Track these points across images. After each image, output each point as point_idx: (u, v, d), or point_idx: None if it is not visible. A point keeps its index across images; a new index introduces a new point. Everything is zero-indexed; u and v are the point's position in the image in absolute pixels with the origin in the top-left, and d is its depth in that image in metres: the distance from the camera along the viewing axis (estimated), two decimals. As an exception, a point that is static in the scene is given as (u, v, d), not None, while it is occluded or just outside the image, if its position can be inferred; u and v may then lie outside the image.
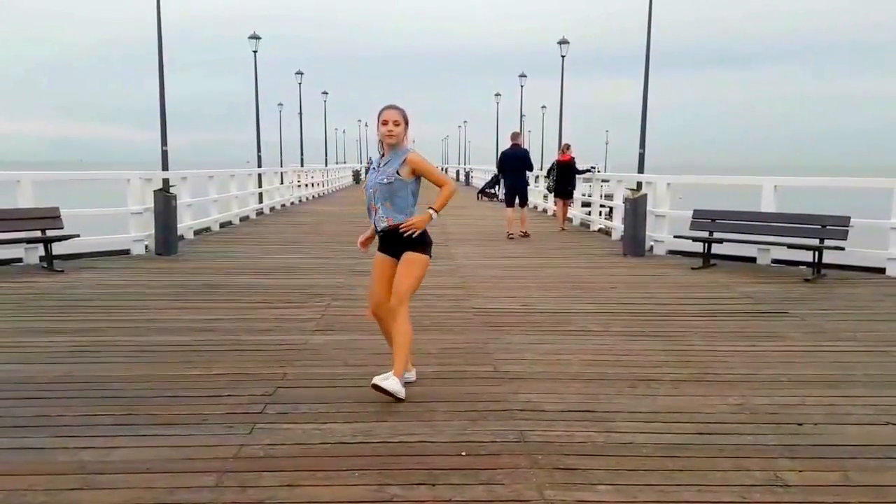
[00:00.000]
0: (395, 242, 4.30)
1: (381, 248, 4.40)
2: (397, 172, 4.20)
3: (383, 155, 4.31)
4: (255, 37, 32.49)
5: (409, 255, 4.26)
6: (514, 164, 13.76)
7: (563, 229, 15.29)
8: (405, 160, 4.21)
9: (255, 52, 32.70)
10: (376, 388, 4.12)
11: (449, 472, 3.32)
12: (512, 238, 13.43)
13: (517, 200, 13.71)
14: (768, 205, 10.41)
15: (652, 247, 11.73)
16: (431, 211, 4.28)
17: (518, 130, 15.91)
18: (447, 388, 4.48)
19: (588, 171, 17.13)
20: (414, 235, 4.22)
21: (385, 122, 4.20)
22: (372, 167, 4.45)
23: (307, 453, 3.53)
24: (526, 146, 14.64)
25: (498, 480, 3.24)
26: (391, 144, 4.25)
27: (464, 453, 3.53)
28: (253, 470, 3.33)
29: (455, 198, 4.77)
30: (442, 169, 73.43)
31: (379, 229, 4.32)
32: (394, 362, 4.25)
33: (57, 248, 9.65)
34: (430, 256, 4.38)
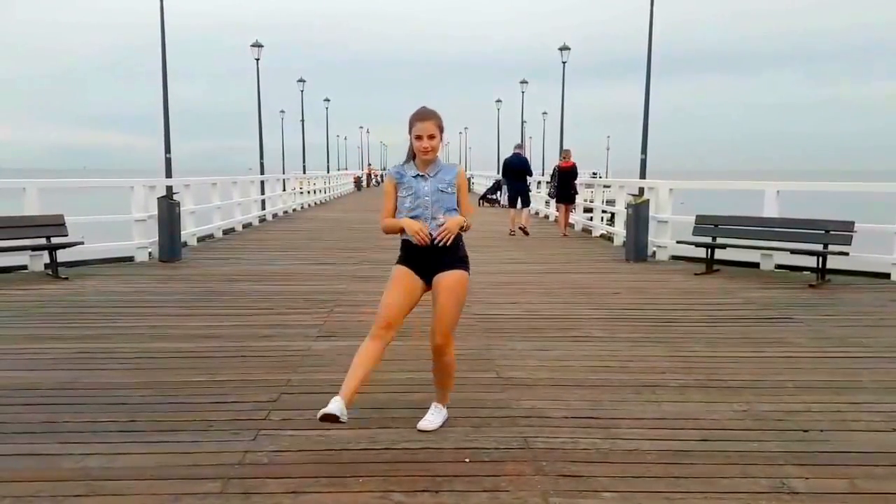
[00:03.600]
0: (433, 257, 3.77)
1: (408, 262, 3.83)
2: (451, 184, 3.78)
3: (405, 162, 3.85)
4: (258, 45, 32.65)
5: (452, 279, 3.79)
6: (515, 170, 15.77)
7: (565, 235, 15.38)
8: (458, 173, 3.83)
9: (257, 59, 32.85)
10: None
11: (453, 478, 3.31)
12: (513, 235, 15.01)
13: (519, 202, 15.63)
14: (771, 210, 10.41)
15: (654, 252, 11.74)
16: (467, 218, 3.81)
17: (520, 142, 17.91)
18: (450, 394, 4.47)
19: (575, 192, 16.91)
20: (448, 243, 3.71)
21: (419, 137, 3.66)
22: (410, 175, 3.79)
23: (311, 460, 3.53)
24: (527, 153, 16.87)
25: (502, 487, 3.23)
26: (429, 160, 3.74)
27: (467, 460, 3.52)
28: (257, 476, 3.33)
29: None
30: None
31: (433, 241, 3.72)
32: (443, 395, 4.07)
33: (61, 256, 9.71)
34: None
